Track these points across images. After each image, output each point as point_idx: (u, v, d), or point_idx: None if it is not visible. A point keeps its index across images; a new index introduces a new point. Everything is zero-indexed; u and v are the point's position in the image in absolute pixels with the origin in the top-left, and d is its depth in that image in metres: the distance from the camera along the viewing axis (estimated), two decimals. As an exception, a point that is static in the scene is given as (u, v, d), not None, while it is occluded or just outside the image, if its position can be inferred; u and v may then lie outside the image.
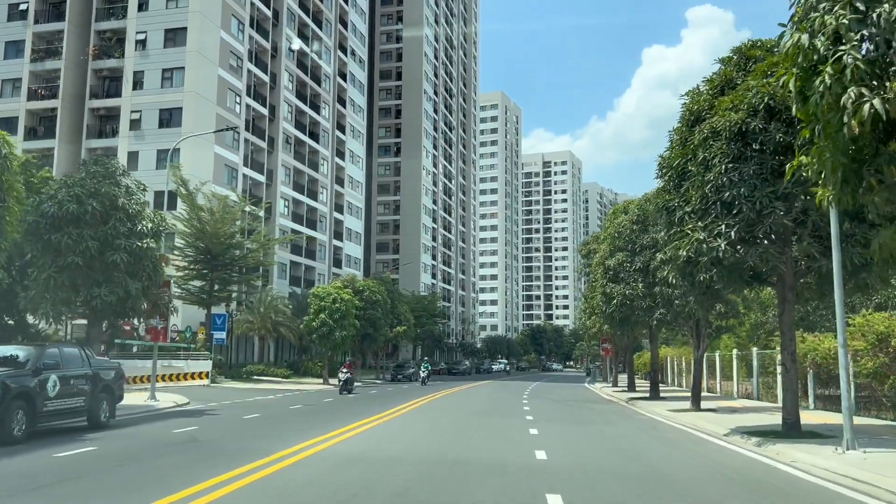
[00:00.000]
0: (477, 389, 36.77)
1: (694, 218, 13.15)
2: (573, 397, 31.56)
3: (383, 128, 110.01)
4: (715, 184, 12.62)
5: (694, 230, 12.88)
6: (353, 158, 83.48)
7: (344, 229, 79.29)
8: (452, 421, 17.73)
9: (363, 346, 46.42)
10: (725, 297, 15.67)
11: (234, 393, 29.58)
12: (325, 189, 74.90)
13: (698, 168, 13.09)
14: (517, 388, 40.02)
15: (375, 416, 18.26)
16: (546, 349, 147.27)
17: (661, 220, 14.84)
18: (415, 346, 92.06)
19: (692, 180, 13.35)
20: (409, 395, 29.99)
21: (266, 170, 63.55)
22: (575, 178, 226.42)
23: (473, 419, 18.21)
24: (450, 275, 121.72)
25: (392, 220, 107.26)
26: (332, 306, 39.20)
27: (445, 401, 26.53)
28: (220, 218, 39.55)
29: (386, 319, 46.84)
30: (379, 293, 45.69)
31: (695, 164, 13.30)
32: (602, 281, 26.67)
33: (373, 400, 26.90)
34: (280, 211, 65.27)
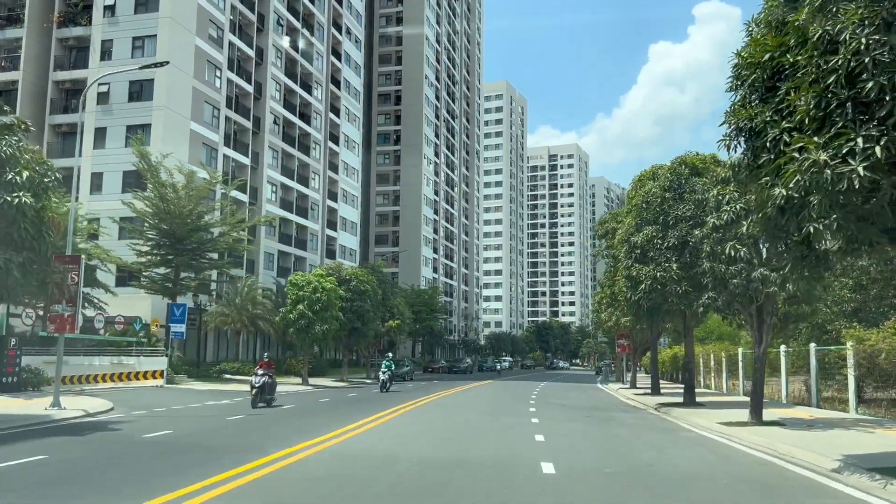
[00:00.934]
0: (475, 392, 31.79)
1: (804, 135, 8.26)
2: (589, 402, 26.56)
3: (382, 114, 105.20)
4: (845, 70, 7.73)
5: (808, 149, 8.00)
6: (349, 144, 78.66)
7: (338, 218, 74.51)
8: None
9: (350, 342, 41.62)
10: (836, 264, 10.63)
11: (185, 396, 24.84)
12: (318, 175, 70.13)
13: (812, 51, 8.19)
14: (523, 390, 35.17)
15: (268, 458, 10.41)
16: (552, 346, 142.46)
17: (741, 147, 9.89)
18: (413, 343, 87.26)
19: (800, 75, 8.45)
20: (364, 408, 21.04)
21: (251, 152, 58.80)
22: (582, 172, 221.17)
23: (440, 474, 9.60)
24: (452, 269, 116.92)
25: (391, 211, 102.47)
26: (312, 296, 34.42)
27: (418, 416, 18.83)
28: (185, 195, 34.77)
29: (376, 312, 42.02)
30: (368, 283, 40.88)
31: (805, 49, 8.39)
32: (626, 262, 21.81)
33: (290, 420, 17.60)
34: (267, 196, 60.50)
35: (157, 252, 35.65)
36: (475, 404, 23.70)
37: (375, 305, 41.73)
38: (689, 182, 21.48)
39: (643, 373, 56.02)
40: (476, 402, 25.26)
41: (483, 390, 33.35)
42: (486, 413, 20.15)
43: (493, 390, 33.00)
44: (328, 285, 35.07)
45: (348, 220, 77.30)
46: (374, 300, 41.47)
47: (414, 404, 22.47)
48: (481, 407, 22.53)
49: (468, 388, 34.81)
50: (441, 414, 19.76)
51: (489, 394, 28.57)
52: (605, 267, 35.97)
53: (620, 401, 27.77)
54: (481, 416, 18.91)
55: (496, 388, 36.37)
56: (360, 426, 15.40)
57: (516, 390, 34.13)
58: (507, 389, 34.28)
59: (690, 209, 21.07)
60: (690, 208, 21.08)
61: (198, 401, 22.61)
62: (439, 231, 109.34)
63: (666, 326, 31.85)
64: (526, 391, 33.24)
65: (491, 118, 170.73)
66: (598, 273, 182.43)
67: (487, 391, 30.96)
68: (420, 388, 33.14)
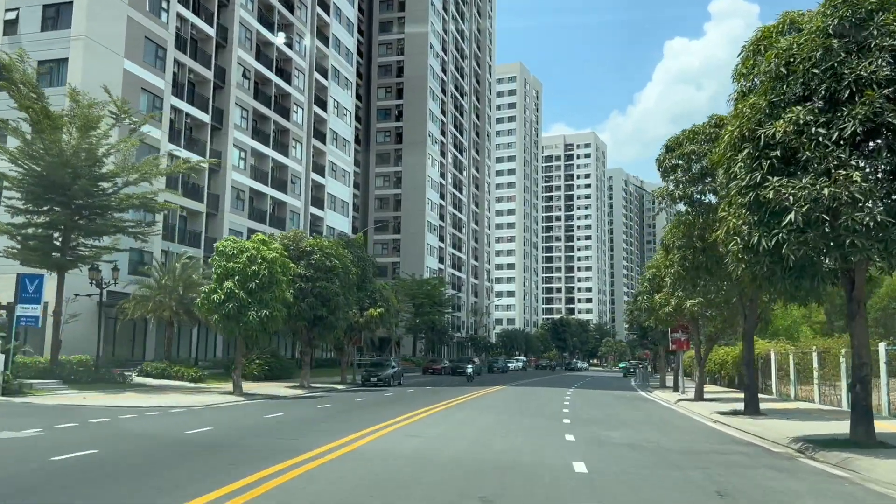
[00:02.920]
0: (469, 411, 21.29)
1: None
2: (670, 437, 14.43)
3: (383, 88, 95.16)
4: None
5: None
6: (339, 110, 68.55)
7: (325, 195, 64.45)
8: None
9: (312, 336, 31.42)
10: None
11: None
12: (300, 143, 60.10)
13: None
14: (546, 404, 24.90)
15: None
16: (569, 345, 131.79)
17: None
18: (415, 340, 77.14)
19: None
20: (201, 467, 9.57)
21: (213, 108, 48.87)
22: (599, 163, 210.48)
23: None
24: (460, 260, 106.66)
25: (393, 195, 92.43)
26: (247, 270, 24.28)
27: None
28: (70, 126, 24.75)
29: (350, 297, 31.84)
30: (338, 258, 30.73)
31: None
32: (749, 175, 11.52)
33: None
34: (233, 163, 50.55)
35: (35, 209, 25.66)
36: (463, 441, 13.30)
37: (348, 288, 31.53)
38: (876, 20, 11.19)
39: (663, 372, 45.74)
40: (458, 444, 12.44)
41: (485, 405, 22.99)
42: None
43: (501, 406, 22.61)
44: (272, 255, 24.90)
45: (338, 199, 67.21)
46: (347, 281, 31.28)
47: (338, 452, 12.12)
48: (466, 464, 10.01)
49: (464, 401, 24.53)
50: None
51: (489, 421, 17.69)
52: (663, 224, 25.72)
53: (715, 430, 16.60)
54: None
55: (507, 400, 26.05)
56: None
57: (536, 404, 23.77)
58: (522, 404, 23.90)
59: (888, 64, 10.89)
60: (887, 63, 10.90)
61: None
62: (446, 218, 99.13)
63: (769, 307, 21.62)
64: (550, 406, 22.93)
65: (504, 102, 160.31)
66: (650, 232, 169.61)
67: (490, 411, 20.54)
68: (385, 404, 22.80)
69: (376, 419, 16.20)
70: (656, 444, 12.72)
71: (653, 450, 12.01)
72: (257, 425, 15.20)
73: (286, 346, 47.98)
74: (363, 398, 25.20)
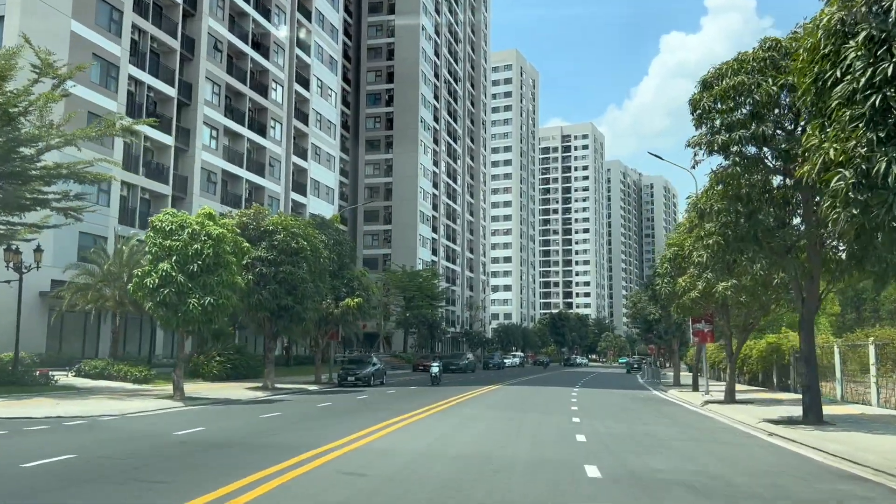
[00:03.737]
0: (451, 418, 17.18)
1: None
2: (755, 470, 9.77)
3: (373, 71, 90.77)
4: None
5: None
6: (323, 90, 64.25)
7: (308, 180, 60.19)
8: None
9: (276, 328, 27.19)
10: None
11: None
12: (279, 123, 55.81)
13: None
14: (548, 410, 20.79)
15: None
16: (568, 340, 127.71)
17: None
18: (405, 335, 73.01)
19: None
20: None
21: (179, 81, 44.58)
22: (597, 155, 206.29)
23: None
24: (455, 252, 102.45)
25: (383, 184, 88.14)
26: (188, 249, 20.10)
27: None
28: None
29: (321, 284, 27.65)
30: (306, 239, 26.55)
31: None
32: (868, 73, 7.32)
33: None
34: (203, 141, 46.29)
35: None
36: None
37: (318, 274, 27.32)
38: None
39: (677, 368, 41.80)
40: (418, 493, 7.89)
41: (472, 414, 18.81)
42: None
43: (492, 416, 18.41)
44: (217, 231, 20.68)
45: (322, 184, 62.95)
46: (317, 266, 27.07)
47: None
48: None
49: (448, 406, 20.39)
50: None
51: (474, 439, 13.21)
52: (689, 195, 21.63)
53: (786, 451, 11.88)
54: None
55: (500, 405, 21.87)
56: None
57: (536, 412, 19.59)
58: (520, 411, 19.71)
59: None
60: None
61: None
62: (439, 208, 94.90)
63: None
64: (556, 413, 18.81)
65: (499, 90, 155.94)
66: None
67: (478, 422, 16.23)
68: (348, 413, 18.59)
69: (322, 438, 12.06)
70: (724, 482, 8.53)
71: (727, 495, 7.80)
72: (139, 452, 10.99)
73: (256, 340, 43.80)
74: (328, 403, 21.06)
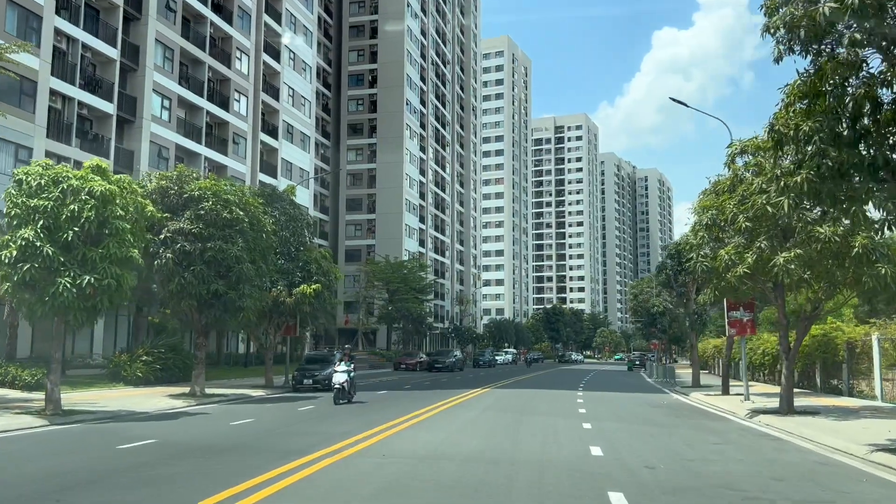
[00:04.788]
0: (403, 475, 11.80)
1: None
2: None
3: (355, 50, 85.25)
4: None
5: None
6: (296, 63, 58.76)
7: (279, 161, 54.75)
8: None
9: (205, 320, 21.74)
10: None
11: None
12: (245, 96, 50.33)
13: None
14: (551, 420, 15.64)
15: None
16: (563, 336, 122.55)
17: None
18: (388, 331, 67.71)
19: None
20: None
21: (124, 42, 39.10)
22: (591, 146, 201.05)
23: None
24: (444, 244, 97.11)
25: (367, 170, 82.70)
26: (61, 211, 14.76)
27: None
28: None
29: (265, 266, 22.27)
30: (242, 207, 21.18)
31: None
32: None
33: None
34: (153, 111, 40.82)
35: None
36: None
37: (261, 254, 21.96)
38: None
39: (685, 365, 36.69)
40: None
41: (447, 439, 13.53)
42: None
43: (471, 444, 13.00)
44: (101, 187, 15.29)
45: (295, 166, 57.48)
46: (259, 243, 21.70)
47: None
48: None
49: (420, 420, 15.19)
50: None
51: (450, 475, 8.25)
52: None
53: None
54: None
55: (483, 422, 16.59)
56: None
57: (533, 426, 14.33)
58: (511, 428, 14.44)
59: None
60: None
61: None
62: (427, 196, 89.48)
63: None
64: (563, 428, 13.65)
65: (490, 78, 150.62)
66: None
67: (450, 460, 10.83)
68: (270, 438, 13.26)
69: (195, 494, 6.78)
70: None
71: None
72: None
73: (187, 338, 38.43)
74: (249, 419, 15.73)
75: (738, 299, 17.92)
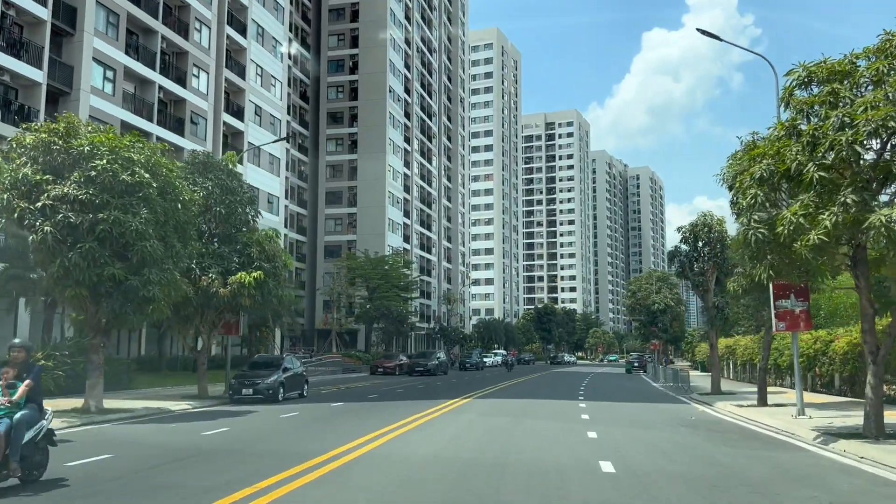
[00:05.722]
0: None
1: None
2: None
3: (335, 35, 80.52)
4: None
5: None
6: (265, 39, 53.95)
7: (245, 145, 49.93)
8: None
9: (100, 313, 16.96)
10: None
11: None
12: (205, 73, 45.52)
13: None
14: (559, 486, 10.70)
15: None
16: (555, 336, 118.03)
17: None
18: (367, 332, 62.98)
19: None
20: None
21: (57, 3, 34.26)
22: (583, 143, 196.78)
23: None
24: (430, 240, 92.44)
25: (347, 161, 77.94)
26: None
27: None
28: None
29: (177, 244, 17.46)
30: (149, 169, 16.41)
31: None
32: None
33: None
34: (94, 83, 36.03)
35: None
36: None
37: (177, 230, 17.22)
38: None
39: (717, 369, 32.31)
40: None
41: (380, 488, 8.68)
42: None
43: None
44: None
45: (264, 152, 52.65)
46: (173, 216, 16.97)
47: None
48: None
49: (362, 453, 10.49)
50: None
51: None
52: None
53: None
54: None
55: (456, 450, 11.93)
56: None
57: (524, 485, 9.58)
58: (489, 482, 9.63)
59: None
60: None
61: None
62: (412, 189, 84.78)
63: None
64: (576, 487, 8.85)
65: (479, 71, 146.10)
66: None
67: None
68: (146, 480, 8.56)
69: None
70: None
71: None
72: None
73: (124, 338, 33.64)
74: (107, 455, 10.98)
75: (806, 278, 13.30)
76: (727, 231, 24.09)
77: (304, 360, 48.45)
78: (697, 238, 24.71)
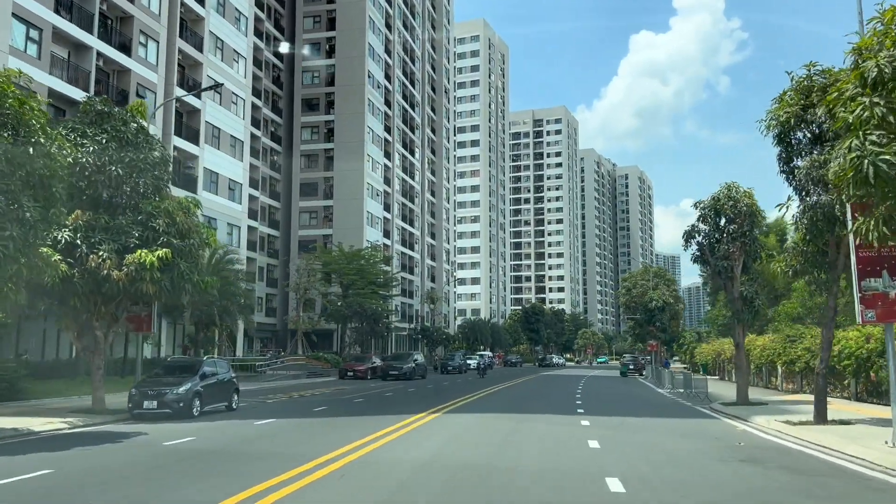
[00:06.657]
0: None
1: None
2: None
3: (311, 16, 75.69)
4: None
5: None
6: (226, 11, 49.07)
7: (202, 124, 45.04)
8: None
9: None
10: None
11: None
12: (155, 41, 40.62)
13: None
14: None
15: None
16: (543, 337, 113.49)
17: None
18: (342, 330, 58.18)
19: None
20: None
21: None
22: (571, 140, 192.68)
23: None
24: (412, 236, 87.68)
25: (323, 150, 73.11)
26: None
27: None
28: None
29: (24, 204, 12.65)
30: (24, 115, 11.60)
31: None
32: None
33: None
34: (14, 44, 31.08)
35: None
36: None
37: (37, 189, 12.44)
38: None
39: (745, 374, 27.71)
40: None
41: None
42: None
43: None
44: None
45: (224, 132, 47.72)
46: (24, 164, 12.19)
47: None
48: None
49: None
50: None
51: None
52: None
53: None
54: None
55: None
56: None
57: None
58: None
59: None
60: None
61: None
62: (392, 182, 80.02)
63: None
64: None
65: (466, 64, 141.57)
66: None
67: None
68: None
69: None
70: None
71: None
72: None
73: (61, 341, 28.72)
74: None
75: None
76: (758, 205, 19.66)
77: (270, 362, 43.76)
78: (720, 214, 20.25)
